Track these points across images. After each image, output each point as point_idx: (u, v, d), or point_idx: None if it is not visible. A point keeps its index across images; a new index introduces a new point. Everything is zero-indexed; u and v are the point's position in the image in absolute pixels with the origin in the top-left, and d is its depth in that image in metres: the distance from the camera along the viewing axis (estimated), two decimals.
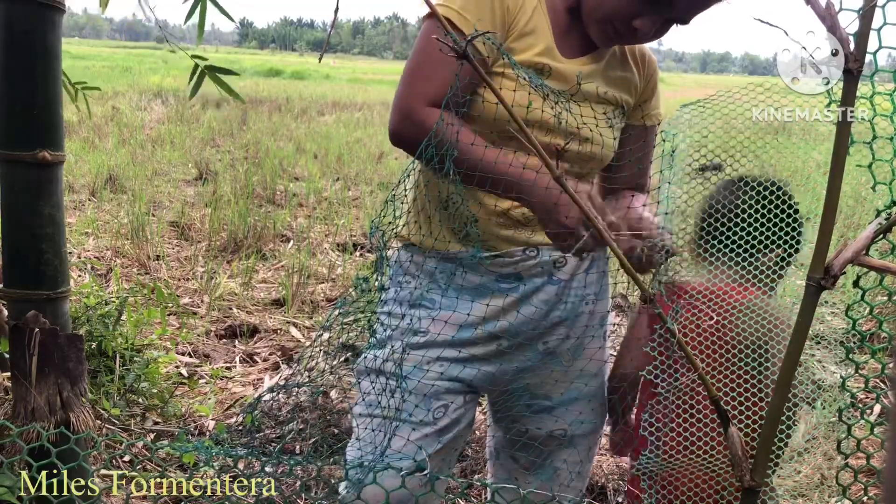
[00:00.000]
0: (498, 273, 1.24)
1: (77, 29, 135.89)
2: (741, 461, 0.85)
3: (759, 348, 1.10)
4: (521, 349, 1.26)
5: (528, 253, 1.23)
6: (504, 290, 1.23)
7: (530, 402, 1.33)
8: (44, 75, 1.42)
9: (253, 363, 3.16)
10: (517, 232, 1.22)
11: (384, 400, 1.21)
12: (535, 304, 1.24)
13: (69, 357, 1.44)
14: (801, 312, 0.83)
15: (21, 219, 1.45)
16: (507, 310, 1.24)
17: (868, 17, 0.76)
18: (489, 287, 1.23)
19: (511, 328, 1.24)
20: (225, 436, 1.20)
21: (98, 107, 10.56)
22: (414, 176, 1.29)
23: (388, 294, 1.28)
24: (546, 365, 1.30)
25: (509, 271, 1.24)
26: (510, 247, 1.23)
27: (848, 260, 0.80)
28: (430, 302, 1.24)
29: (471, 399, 1.29)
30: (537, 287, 1.24)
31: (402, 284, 1.28)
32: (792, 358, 0.84)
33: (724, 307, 1.11)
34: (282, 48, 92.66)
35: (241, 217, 4.96)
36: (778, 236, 1.08)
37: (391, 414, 1.20)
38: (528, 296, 1.24)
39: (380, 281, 1.09)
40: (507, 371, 1.28)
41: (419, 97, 1.12)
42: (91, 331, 2.60)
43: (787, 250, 1.10)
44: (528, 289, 1.24)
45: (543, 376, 1.31)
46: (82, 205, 5.55)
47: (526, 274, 1.24)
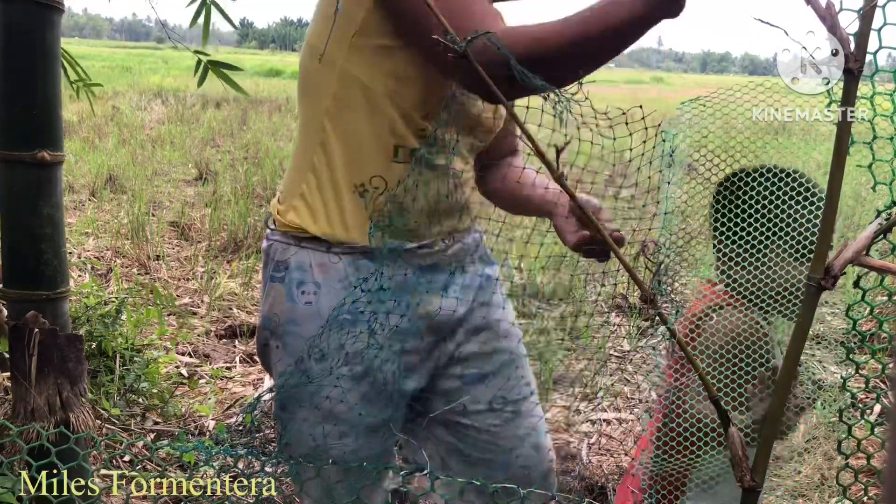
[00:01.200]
0: (418, 265, 1.16)
1: (77, 29, 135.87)
2: (741, 461, 0.85)
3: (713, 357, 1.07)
4: (448, 337, 1.22)
5: (445, 241, 1.19)
6: (423, 284, 1.16)
7: (462, 374, 1.25)
8: (43, 75, 1.42)
9: (253, 363, 3.16)
10: (444, 220, 1.18)
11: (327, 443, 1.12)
12: (455, 293, 1.19)
13: (69, 357, 1.44)
14: (802, 312, 0.83)
15: (20, 219, 1.45)
16: (430, 302, 1.17)
17: (868, 17, 0.76)
18: (410, 282, 1.14)
19: (436, 321, 1.18)
20: (225, 436, 1.20)
21: (98, 107, 10.54)
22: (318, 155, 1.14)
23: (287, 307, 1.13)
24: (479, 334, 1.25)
25: (429, 262, 1.17)
26: (434, 236, 1.17)
27: (848, 260, 0.80)
28: (352, 314, 1.07)
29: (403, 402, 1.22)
30: (452, 275, 1.20)
31: (309, 295, 1.12)
32: (792, 358, 0.84)
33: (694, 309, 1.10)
34: (282, 48, 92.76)
35: (241, 217, 4.96)
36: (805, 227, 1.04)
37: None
38: (447, 286, 1.19)
39: (379, 280, 1.08)
40: (438, 364, 1.23)
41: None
42: (91, 331, 2.60)
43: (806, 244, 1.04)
44: (445, 279, 1.19)
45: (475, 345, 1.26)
46: (82, 205, 5.55)
47: (443, 263, 1.19)
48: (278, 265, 1.14)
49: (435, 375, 1.24)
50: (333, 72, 1.09)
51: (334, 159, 1.11)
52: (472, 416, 1.27)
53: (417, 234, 1.14)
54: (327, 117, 1.11)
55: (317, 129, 1.12)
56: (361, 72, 1.08)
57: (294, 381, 1.11)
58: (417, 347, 1.18)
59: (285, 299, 1.13)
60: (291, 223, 1.14)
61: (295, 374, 1.11)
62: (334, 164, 1.12)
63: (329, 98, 1.10)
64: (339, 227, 1.11)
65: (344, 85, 1.09)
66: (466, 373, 1.25)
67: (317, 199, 1.13)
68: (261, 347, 1.21)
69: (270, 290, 1.15)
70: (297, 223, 1.13)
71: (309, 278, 1.11)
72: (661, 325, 0.95)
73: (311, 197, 1.13)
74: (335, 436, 1.13)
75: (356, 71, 1.08)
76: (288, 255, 1.14)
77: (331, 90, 1.10)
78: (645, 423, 1.25)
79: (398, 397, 1.18)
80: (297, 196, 1.15)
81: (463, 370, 1.25)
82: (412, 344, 1.16)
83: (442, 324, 1.19)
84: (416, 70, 1.06)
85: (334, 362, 1.09)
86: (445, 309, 1.18)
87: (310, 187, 1.13)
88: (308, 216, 1.13)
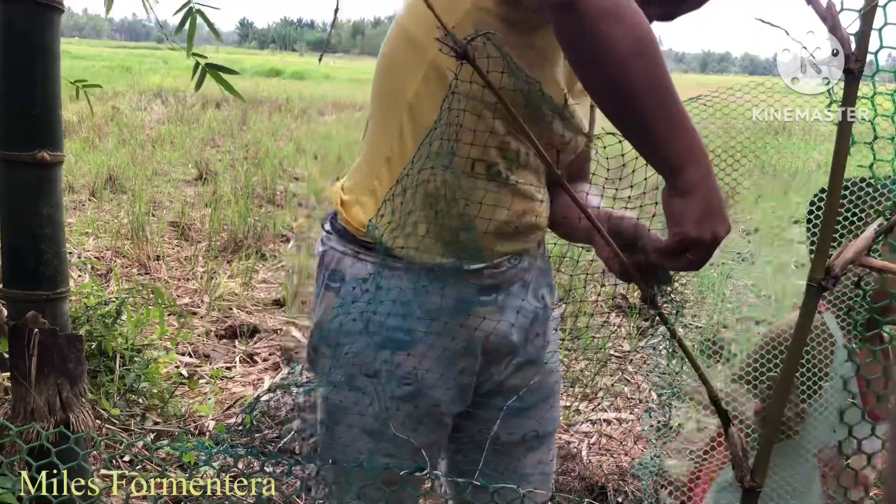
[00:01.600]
0: (480, 285, 1.10)
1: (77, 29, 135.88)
2: (741, 461, 0.85)
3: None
4: (498, 364, 1.17)
5: (512, 261, 1.12)
6: (484, 303, 1.10)
7: (502, 406, 1.22)
8: (42, 75, 1.42)
9: (253, 363, 3.16)
10: (512, 242, 1.11)
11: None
12: (511, 317, 1.14)
13: (69, 357, 1.44)
14: (802, 313, 0.83)
15: (20, 219, 1.45)
16: (488, 322, 1.11)
17: (869, 17, 0.76)
18: (469, 301, 1.09)
19: (491, 343, 1.13)
20: (225, 436, 1.20)
21: (98, 107, 10.56)
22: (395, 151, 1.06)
23: (340, 324, 1.08)
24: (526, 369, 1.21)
25: (491, 282, 1.11)
26: (499, 257, 1.10)
27: (849, 260, 0.80)
28: (406, 333, 1.05)
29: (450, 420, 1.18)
30: (513, 295, 1.14)
31: (360, 311, 1.07)
32: (793, 358, 0.84)
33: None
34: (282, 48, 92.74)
35: (241, 217, 4.97)
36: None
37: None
38: (504, 306, 1.13)
39: (377, 281, 1.07)
40: (482, 390, 1.19)
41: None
42: (91, 331, 2.60)
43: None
44: (505, 298, 1.13)
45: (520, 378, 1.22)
46: (82, 205, 5.55)
47: (506, 284, 1.12)
48: (334, 274, 1.10)
49: (476, 400, 1.20)
50: (422, 64, 1.01)
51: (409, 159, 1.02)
52: (503, 445, 1.25)
53: (482, 253, 1.07)
54: (408, 112, 1.03)
55: (395, 123, 1.04)
56: (452, 70, 0.96)
57: (343, 396, 1.09)
58: (472, 368, 1.13)
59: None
60: (355, 219, 1.08)
61: (343, 388, 1.08)
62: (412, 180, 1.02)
63: (412, 91, 1.02)
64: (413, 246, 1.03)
65: (428, 80, 1.01)
66: (507, 405, 1.21)
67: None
68: (311, 351, 1.17)
69: (324, 298, 1.11)
70: (363, 221, 1.06)
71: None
72: (661, 325, 0.95)
73: (383, 195, 1.03)
74: (379, 454, 1.10)
75: (446, 68, 0.98)
76: (344, 265, 1.09)
77: (415, 84, 1.02)
78: (645, 424, 1.25)
79: (447, 418, 1.14)
80: (368, 191, 1.08)
81: (504, 401, 1.21)
82: (467, 365, 1.12)
83: (496, 347, 1.14)
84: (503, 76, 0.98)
85: (385, 380, 1.06)
86: (501, 331, 1.12)
87: (382, 184, 1.06)
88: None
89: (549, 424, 1.27)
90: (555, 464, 1.36)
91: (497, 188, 1.04)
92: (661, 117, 0.84)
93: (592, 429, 2.72)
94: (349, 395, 1.08)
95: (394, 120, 1.05)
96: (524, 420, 1.24)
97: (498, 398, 1.21)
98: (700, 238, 0.85)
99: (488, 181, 1.02)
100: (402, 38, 1.04)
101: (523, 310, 1.14)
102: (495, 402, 1.21)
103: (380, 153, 1.07)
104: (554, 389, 1.27)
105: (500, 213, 1.05)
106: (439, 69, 1.00)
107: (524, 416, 1.23)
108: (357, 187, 1.10)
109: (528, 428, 1.25)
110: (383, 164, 1.06)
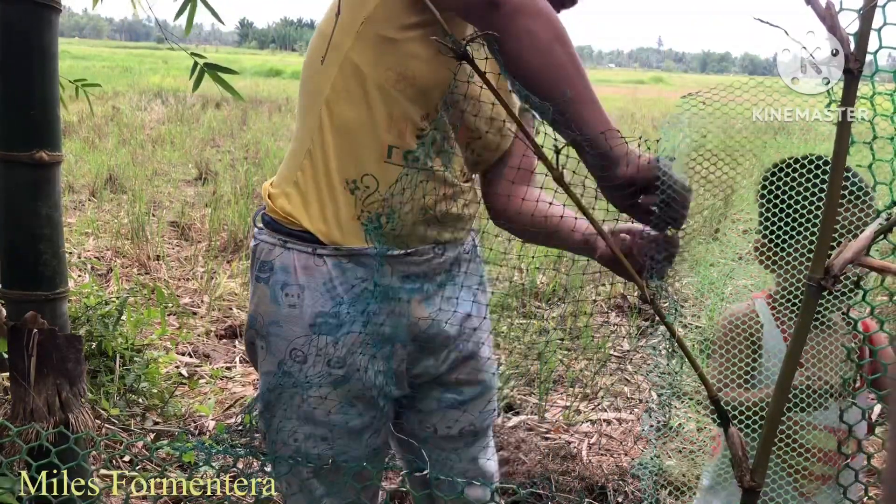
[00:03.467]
0: (405, 273, 1.12)
1: (77, 29, 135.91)
2: (741, 461, 0.85)
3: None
4: (435, 355, 1.19)
5: (436, 251, 1.15)
6: (409, 291, 1.13)
7: (440, 398, 1.26)
8: (41, 75, 1.42)
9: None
10: (435, 229, 1.14)
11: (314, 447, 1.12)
12: (441, 305, 1.17)
13: (68, 357, 1.44)
14: (802, 313, 0.83)
15: (19, 219, 1.45)
16: (414, 311, 1.14)
17: (868, 17, 0.76)
18: (394, 289, 1.11)
19: (423, 332, 1.15)
20: (225, 436, 1.20)
21: (98, 107, 10.56)
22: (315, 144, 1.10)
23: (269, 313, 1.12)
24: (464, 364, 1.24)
25: (417, 270, 1.13)
26: (423, 244, 1.13)
27: (848, 260, 0.80)
28: (333, 318, 1.08)
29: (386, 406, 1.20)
30: (440, 285, 1.16)
31: (293, 297, 1.10)
32: (793, 358, 0.84)
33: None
34: (282, 48, 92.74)
35: (241, 217, 4.97)
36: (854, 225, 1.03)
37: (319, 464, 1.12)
38: (432, 295, 1.15)
39: (375, 279, 1.08)
40: (421, 381, 1.22)
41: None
42: (91, 331, 2.60)
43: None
44: (431, 288, 1.15)
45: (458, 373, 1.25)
46: (82, 205, 5.55)
47: (431, 273, 1.15)
48: (263, 265, 1.13)
49: (415, 391, 1.23)
50: (337, 59, 1.07)
51: (329, 151, 1.09)
52: (440, 439, 1.29)
53: (405, 240, 1.11)
54: (325, 106, 1.09)
55: (315, 117, 1.10)
56: (363, 61, 1.05)
57: (276, 383, 1.11)
58: (401, 355, 1.16)
59: (269, 301, 1.11)
60: (281, 209, 1.12)
61: (277, 377, 1.11)
62: (328, 156, 1.09)
63: (329, 86, 1.08)
64: (334, 225, 1.09)
65: (344, 74, 1.07)
66: (445, 397, 1.25)
67: (311, 190, 1.10)
68: (248, 346, 1.21)
69: (256, 290, 1.15)
70: (288, 210, 1.12)
71: (293, 280, 1.10)
72: (661, 324, 0.95)
73: (305, 186, 1.11)
74: (316, 438, 1.13)
75: (358, 60, 1.06)
76: (273, 255, 1.12)
77: (331, 78, 1.08)
78: (645, 424, 1.25)
79: (382, 400, 1.16)
80: (291, 183, 1.13)
81: (443, 394, 1.25)
82: (397, 350, 1.15)
83: (430, 337, 1.17)
84: (420, 67, 1.04)
85: (315, 366, 1.09)
86: (428, 320, 1.15)
87: (304, 175, 1.11)
88: (301, 206, 1.11)
89: (485, 419, 1.31)
90: (495, 462, 1.38)
91: (417, 175, 1.08)
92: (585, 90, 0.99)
93: (592, 429, 2.72)
94: (283, 382, 1.11)
95: (314, 115, 1.11)
96: (461, 414, 1.27)
97: (436, 391, 1.25)
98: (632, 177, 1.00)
99: (408, 168, 1.07)
100: (321, 40, 1.10)
101: (454, 302, 1.18)
102: (434, 394, 1.25)
103: (302, 146, 1.13)
104: (490, 384, 1.30)
105: (418, 198, 1.10)
106: (352, 62, 1.06)
107: (461, 410, 1.27)
108: (282, 180, 1.15)
109: (466, 422, 1.28)
110: (305, 157, 1.12)
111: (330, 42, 1.06)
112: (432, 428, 1.28)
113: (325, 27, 1.09)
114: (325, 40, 1.07)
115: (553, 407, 2.86)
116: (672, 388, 1.34)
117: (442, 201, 1.12)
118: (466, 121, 1.12)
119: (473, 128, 1.14)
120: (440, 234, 1.15)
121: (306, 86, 1.14)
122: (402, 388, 1.20)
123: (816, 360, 1.08)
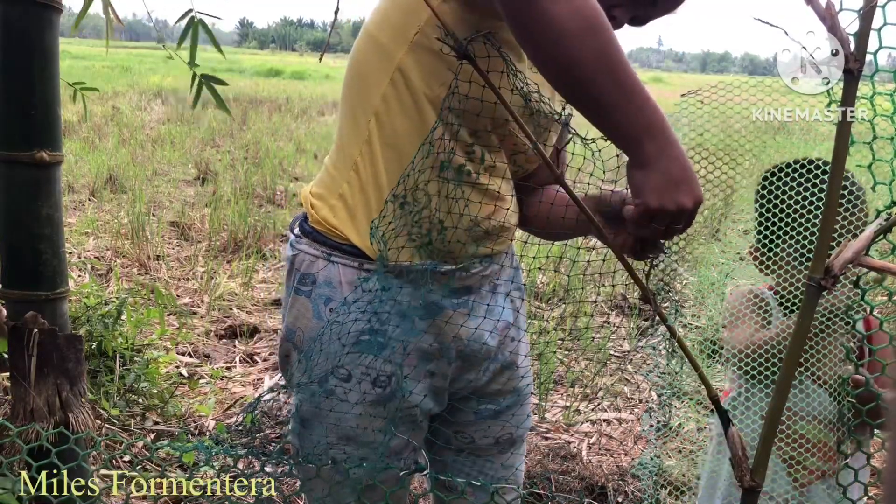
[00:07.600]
0: (451, 287, 1.08)
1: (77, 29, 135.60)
2: (741, 461, 0.85)
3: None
4: (475, 369, 1.17)
5: (483, 263, 1.11)
6: (454, 306, 1.10)
7: (478, 409, 1.23)
8: (41, 75, 1.42)
9: (253, 363, 3.16)
10: (483, 243, 1.10)
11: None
12: (488, 325, 1.14)
13: (68, 357, 1.44)
14: (802, 313, 0.83)
15: (19, 219, 1.45)
16: (459, 325, 1.11)
17: (868, 17, 0.76)
18: (441, 304, 1.08)
19: (468, 348, 1.13)
20: (225, 436, 1.20)
21: (98, 107, 10.56)
22: (362, 155, 1.05)
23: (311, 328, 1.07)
24: (503, 374, 1.22)
25: (462, 285, 1.10)
26: (469, 259, 1.09)
27: (848, 260, 0.80)
28: (379, 336, 1.05)
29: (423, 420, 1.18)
30: (485, 298, 1.14)
31: (336, 312, 1.06)
32: (793, 358, 0.84)
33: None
34: (282, 48, 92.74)
35: (241, 217, 4.96)
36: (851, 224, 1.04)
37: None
38: (475, 308, 1.12)
39: (380, 282, 1.07)
40: (460, 394, 1.19)
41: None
42: (91, 331, 2.60)
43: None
44: (477, 301, 1.12)
45: (497, 383, 1.22)
46: (82, 205, 5.55)
47: (476, 286, 1.12)
48: (304, 278, 1.09)
49: (453, 405, 1.20)
50: (388, 69, 1.02)
51: (378, 165, 1.04)
52: (476, 447, 1.27)
53: (454, 255, 1.06)
54: (374, 118, 1.04)
55: (362, 128, 1.05)
56: (417, 75, 1.00)
57: (317, 401, 1.08)
58: (446, 372, 1.13)
59: (311, 315, 1.07)
60: (325, 220, 1.08)
61: (318, 394, 1.08)
62: (378, 170, 1.04)
63: (378, 97, 1.03)
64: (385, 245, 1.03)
65: (396, 86, 1.02)
66: (482, 408, 1.23)
67: (358, 204, 1.05)
68: (282, 358, 1.17)
69: (294, 303, 1.10)
70: (333, 223, 1.07)
71: (338, 296, 1.06)
72: (661, 324, 0.95)
73: (353, 200, 1.06)
74: (356, 459, 1.10)
75: (411, 72, 1.00)
76: (316, 268, 1.08)
77: (381, 89, 1.03)
78: (645, 424, 1.25)
79: (422, 419, 1.14)
80: (336, 195, 1.08)
81: (479, 405, 1.22)
82: (441, 368, 1.12)
83: (474, 352, 1.14)
84: (472, 85, 0.98)
85: (359, 384, 1.06)
86: (478, 336, 1.12)
87: (352, 189, 1.06)
88: (347, 220, 1.06)
89: (521, 427, 1.29)
90: (524, 464, 1.37)
91: (466, 190, 1.05)
92: (615, 92, 0.86)
93: (592, 429, 2.72)
94: (323, 400, 1.08)
95: (361, 125, 1.05)
96: (499, 423, 1.25)
97: (473, 402, 1.22)
98: (662, 208, 0.88)
99: (457, 183, 1.03)
100: (370, 45, 1.05)
101: (497, 313, 1.15)
102: (471, 405, 1.22)
103: (348, 158, 1.07)
104: (527, 392, 1.29)
105: (469, 214, 1.05)
106: (405, 74, 1.01)
107: (499, 420, 1.25)
108: (326, 191, 1.10)
109: (504, 431, 1.26)
110: (351, 169, 1.07)
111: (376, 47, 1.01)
112: (469, 438, 1.25)
113: (375, 31, 1.04)
114: (374, 47, 1.03)
115: (553, 407, 2.86)
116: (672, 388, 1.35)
117: (490, 216, 1.08)
118: (512, 136, 1.08)
119: (518, 142, 1.09)
120: (487, 248, 1.10)
121: (351, 94, 1.08)
122: (441, 405, 1.17)
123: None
